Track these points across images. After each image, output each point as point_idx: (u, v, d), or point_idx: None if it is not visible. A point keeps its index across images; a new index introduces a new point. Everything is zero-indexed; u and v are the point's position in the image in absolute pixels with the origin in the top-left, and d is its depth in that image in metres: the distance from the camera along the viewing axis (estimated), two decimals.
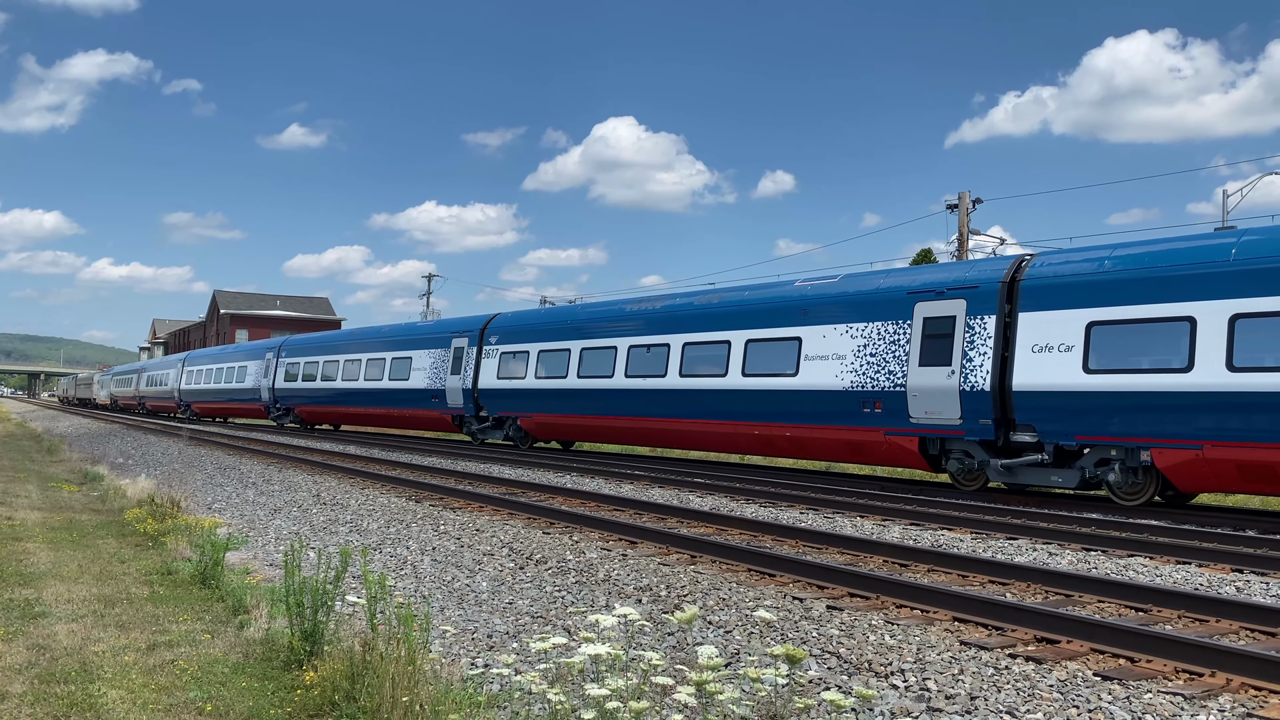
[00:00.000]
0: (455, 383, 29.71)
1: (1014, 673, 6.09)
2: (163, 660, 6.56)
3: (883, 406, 17.42)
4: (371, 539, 11.97)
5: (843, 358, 18.16)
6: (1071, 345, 14.93)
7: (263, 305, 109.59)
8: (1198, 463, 13.66)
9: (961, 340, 16.38)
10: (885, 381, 17.40)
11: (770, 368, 19.57)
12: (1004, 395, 15.84)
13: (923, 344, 16.94)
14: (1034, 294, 15.63)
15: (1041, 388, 15.20)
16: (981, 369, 16.00)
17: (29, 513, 14.37)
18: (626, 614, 4.11)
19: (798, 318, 19.32)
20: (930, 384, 16.68)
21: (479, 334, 29.37)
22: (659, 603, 8.23)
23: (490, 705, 5.33)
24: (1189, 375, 13.61)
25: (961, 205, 31.92)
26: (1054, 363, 15.07)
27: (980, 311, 16.24)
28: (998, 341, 15.95)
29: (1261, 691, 5.74)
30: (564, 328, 26.17)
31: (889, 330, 17.54)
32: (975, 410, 16.09)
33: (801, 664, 4.01)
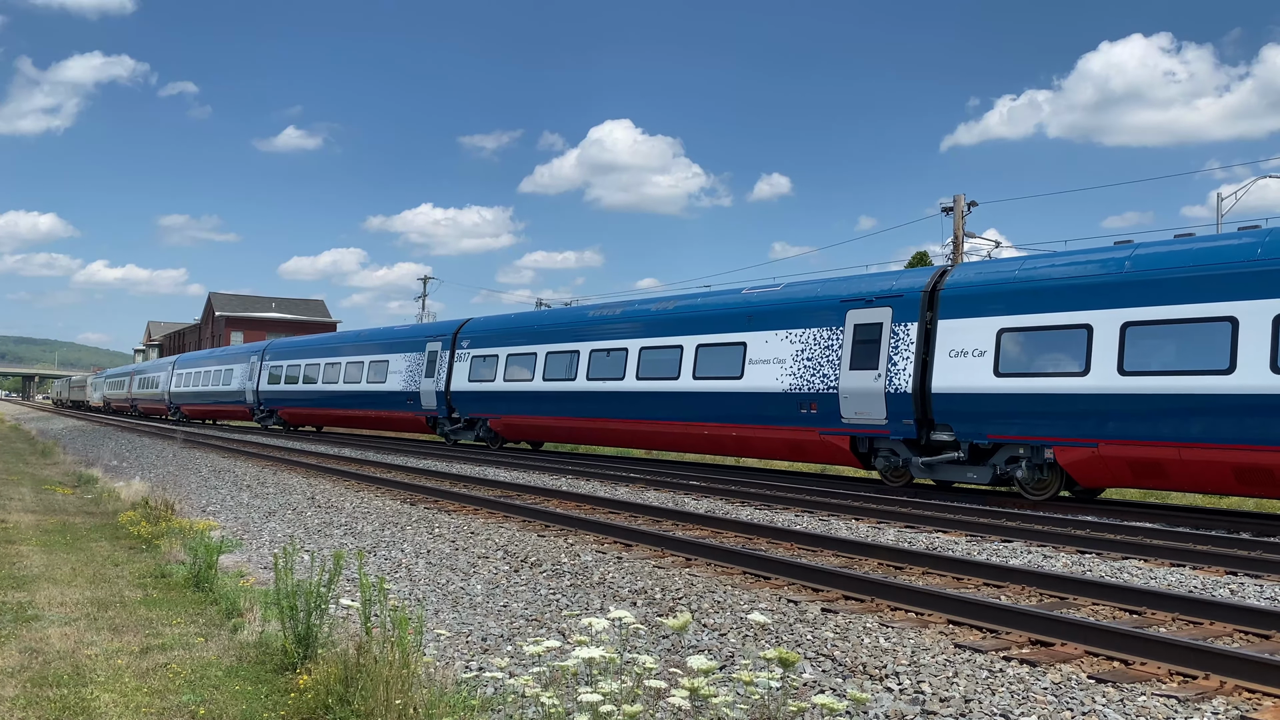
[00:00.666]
0: (429, 385, 30.78)
1: (1008, 675, 6.09)
2: (156, 664, 6.53)
3: (818, 408, 18.48)
4: (366, 542, 11.95)
5: (783, 362, 19.22)
6: (984, 350, 15.98)
7: (258, 307, 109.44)
8: (1094, 460, 14.64)
9: (887, 346, 17.46)
10: (820, 384, 18.47)
11: (718, 371, 20.61)
12: (925, 397, 16.86)
13: (853, 349, 18.03)
14: (951, 303, 16.73)
15: (957, 390, 16.26)
16: (905, 372, 17.07)
17: (22, 515, 14.32)
18: (621, 616, 4.10)
19: (743, 324, 20.41)
20: (859, 387, 17.74)
21: (452, 338, 30.47)
22: (654, 605, 8.22)
23: (484, 709, 5.32)
24: (1085, 379, 14.62)
25: (956, 208, 31.98)
26: (968, 367, 16.12)
27: (904, 319, 17.33)
28: (919, 347, 17.00)
29: (1255, 694, 5.75)
30: (531, 333, 27.29)
31: (824, 336, 18.65)
32: (899, 411, 17.16)
33: (796, 667, 4.01)
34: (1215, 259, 13.92)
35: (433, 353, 30.98)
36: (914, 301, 17.30)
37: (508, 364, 27.64)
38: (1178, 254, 14.37)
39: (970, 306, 16.43)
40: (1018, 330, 15.65)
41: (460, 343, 30.06)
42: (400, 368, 32.51)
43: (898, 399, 17.14)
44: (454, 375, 29.93)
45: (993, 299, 16.18)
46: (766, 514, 14.34)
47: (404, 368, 32.30)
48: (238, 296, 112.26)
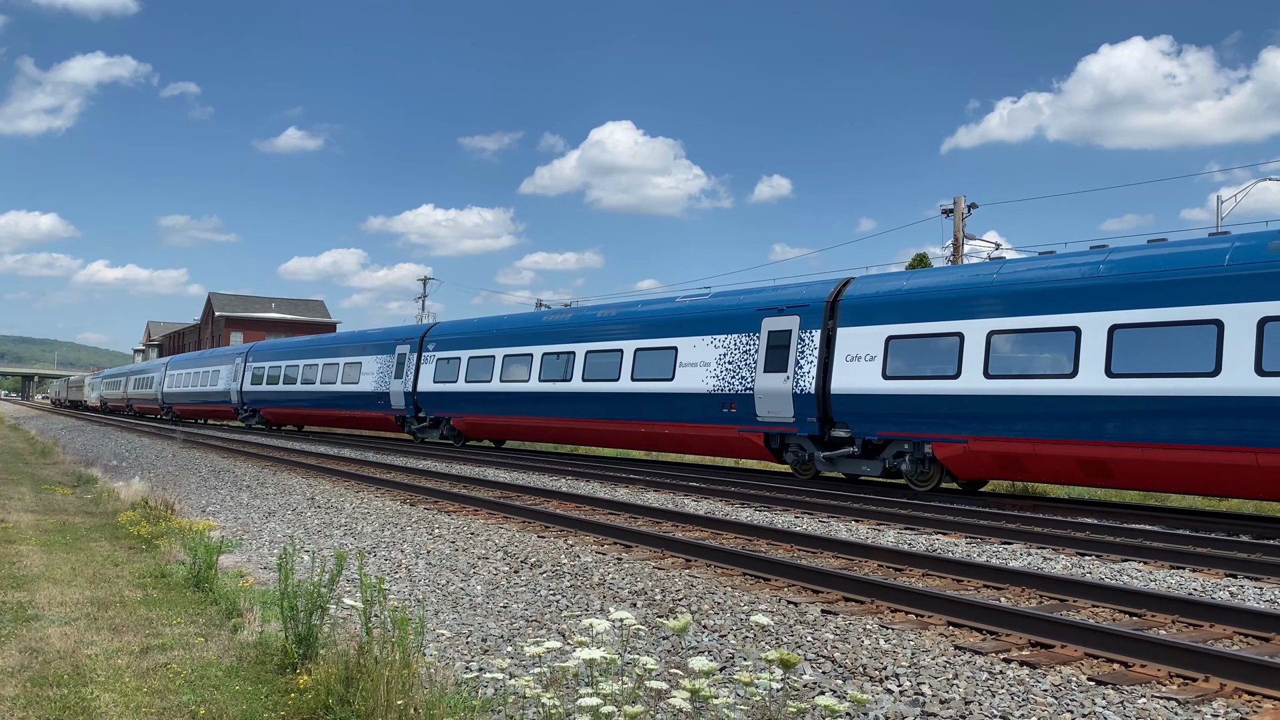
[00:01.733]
0: (398, 386, 32.37)
1: (1008, 677, 6.10)
2: (156, 664, 6.53)
3: (737, 407, 20.11)
4: (366, 542, 11.95)
5: (708, 365, 20.87)
6: (874, 356, 17.63)
7: (257, 308, 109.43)
8: (965, 455, 16.28)
9: (795, 351, 19.09)
10: (739, 385, 20.08)
11: (653, 373, 22.24)
12: (826, 397, 18.46)
13: (767, 354, 19.63)
14: (849, 312, 18.38)
15: (852, 391, 17.93)
16: (809, 375, 18.70)
17: (22, 515, 14.32)
18: (622, 618, 4.10)
19: (675, 330, 22.06)
20: (771, 388, 19.37)
21: (419, 341, 32.09)
22: (654, 607, 8.22)
23: (484, 710, 5.32)
24: (957, 381, 16.21)
25: (957, 210, 31.99)
26: (862, 370, 17.77)
27: (810, 326, 18.98)
28: (822, 352, 18.63)
29: (1255, 696, 5.75)
30: (490, 337, 28.92)
31: (743, 341, 20.28)
32: (804, 410, 18.79)
33: (796, 669, 4.01)
34: (1063, 276, 15.45)
35: (401, 355, 32.49)
36: (818, 310, 18.92)
37: (469, 366, 29.15)
38: (1035, 270, 16.07)
39: (864, 315, 18.08)
40: (903, 337, 17.26)
41: (427, 346, 31.55)
42: (372, 369, 34.05)
43: (803, 399, 18.74)
44: (420, 376, 31.40)
45: (883, 309, 17.80)
46: (766, 515, 14.34)
47: (375, 369, 33.84)
48: (237, 297, 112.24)
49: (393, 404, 32.73)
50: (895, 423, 17.30)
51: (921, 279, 18.06)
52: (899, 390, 17.08)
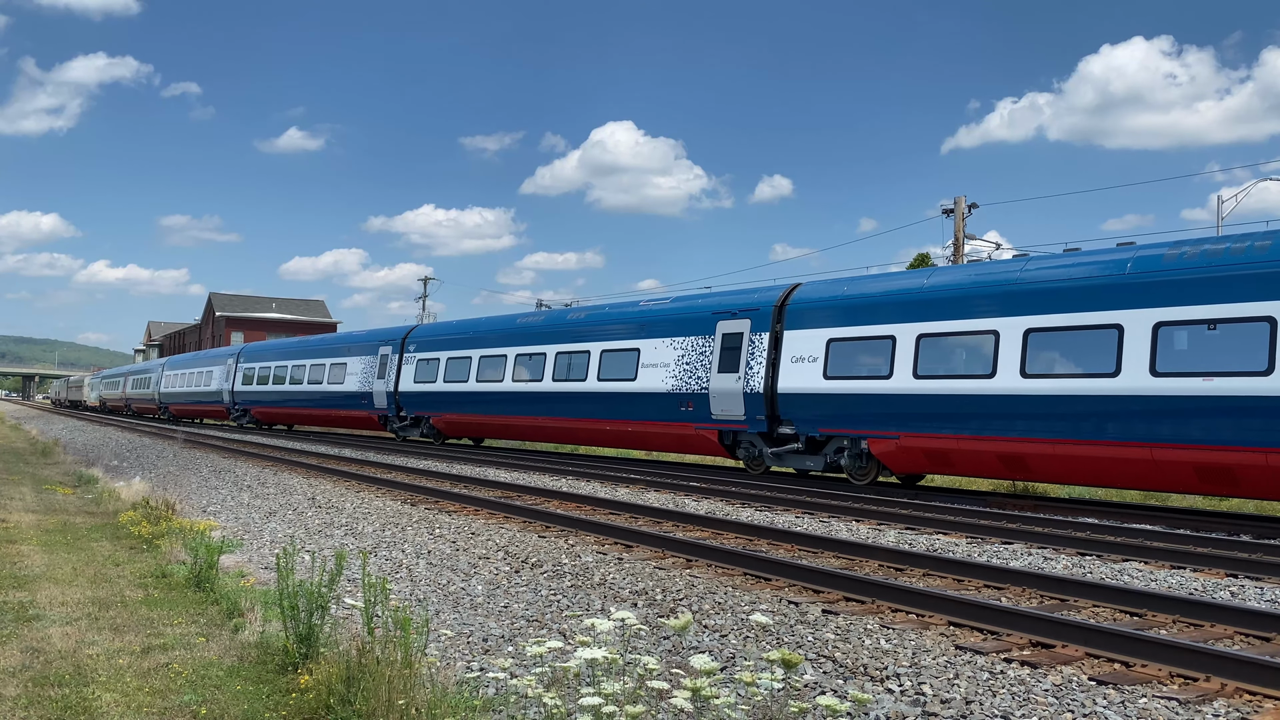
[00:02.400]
0: (380, 386, 33.61)
1: (1009, 677, 6.10)
2: (157, 663, 6.54)
3: (693, 406, 21.27)
4: (367, 542, 11.96)
5: (668, 366, 21.99)
6: (816, 357, 18.75)
7: (258, 308, 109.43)
8: (898, 450, 17.41)
9: (746, 352, 20.16)
10: (695, 385, 21.21)
11: (618, 374, 23.35)
12: (773, 396, 19.54)
13: (721, 355, 20.75)
14: (794, 315, 19.49)
15: (797, 390, 19.04)
16: (759, 375, 19.76)
17: (23, 515, 14.33)
18: (624, 618, 4.11)
19: (638, 332, 23.18)
20: (725, 387, 20.48)
21: (400, 343, 33.23)
22: (654, 606, 8.22)
23: (486, 709, 5.33)
24: (889, 381, 17.31)
25: (957, 210, 31.97)
26: (805, 371, 18.90)
27: (760, 329, 20.05)
28: (771, 353, 19.71)
29: (1256, 696, 5.75)
30: (467, 338, 30.01)
31: (699, 343, 21.42)
32: (754, 409, 19.88)
33: (797, 668, 4.01)
34: (984, 282, 16.66)
35: (384, 356, 33.67)
36: (767, 314, 20.02)
37: (447, 367, 30.21)
38: (960, 277, 17.43)
39: (808, 319, 19.24)
40: (842, 340, 18.44)
41: (408, 347, 32.68)
42: (356, 370, 35.29)
43: (753, 398, 19.85)
44: (401, 377, 32.58)
45: (824, 313, 18.99)
46: (767, 515, 14.34)
47: (360, 370, 35.08)
48: (238, 297, 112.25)
49: (375, 403, 33.86)
50: (835, 420, 18.49)
51: (860, 286, 19.12)
52: (838, 390, 18.27)
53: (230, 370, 46.92)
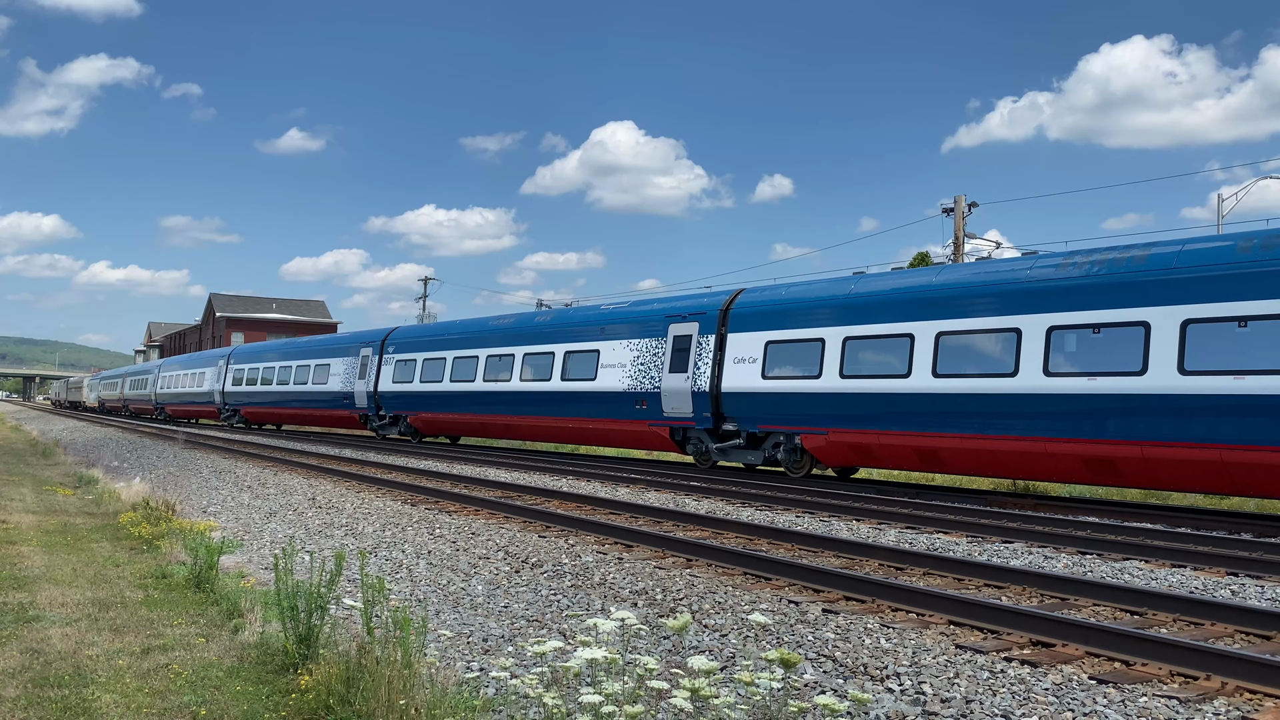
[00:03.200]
0: (361, 386, 34.93)
1: (1009, 676, 6.09)
2: (157, 664, 6.54)
3: (647, 404, 22.50)
4: (367, 542, 11.95)
5: (624, 366, 23.21)
6: (756, 358, 19.99)
7: (258, 308, 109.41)
8: (828, 445, 18.72)
9: (695, 353, 21.45)
10: (649, 384, 22.44)
11: (580, 374, 24.63)
12: (718, 395, 20.77)
13: (672, 356, 22.02)
14: (737, 319, 20.76)
15: (739, 389, 20.26)
16: (705, 375, 21.01)
17: (23, 516, 14.33)
18: (624, 617, 4.10)
19: (598, 335, 24.42)
20: (675, 387, 21.74)
21: (380, 345, 34.51)
22: (655, 606, 8.22)
23: (486, 710, 5.32)
24: (819, 381, 18.55)
25: (957, 209, 31.95)
26: (746, 371, 20.15)
27: (707, 331, 21.33)
28: (716, 354, 20.94)
29: (1257, 695, 5.75)
30: (441, 340, 31.26)
31: (652, 345, 22.67)
32: (701, 407, 21.14)
33: (797, 668, 4.00)
34: (902, 289, 18.01)
35: (365, 357, 35.07)
36: (713, 317, 21.29)
37: (424, 368, 31.45)
38: (882, 284, 18.65)
39: (749, 323, 20.49)
40: (778, 342, 19.66)
41: (387, 349, 33.91)
42: (339, 371, 36.68)
43: (700, 397, 21.11)
44: (381, 377, 33.86)
45: (763, 317, 20.22)
46: (767, 515, 14.34)
47: (342, 371, 36.49)
48: (238, 297, 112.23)
49: (357, 403, 35.21)
50: (772, 418, 19.79)
51: (795, 290, 20.45)
52: (775, 389, 19.52)
53: (221, 372, 48.33)
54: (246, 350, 47.88)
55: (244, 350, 48.11)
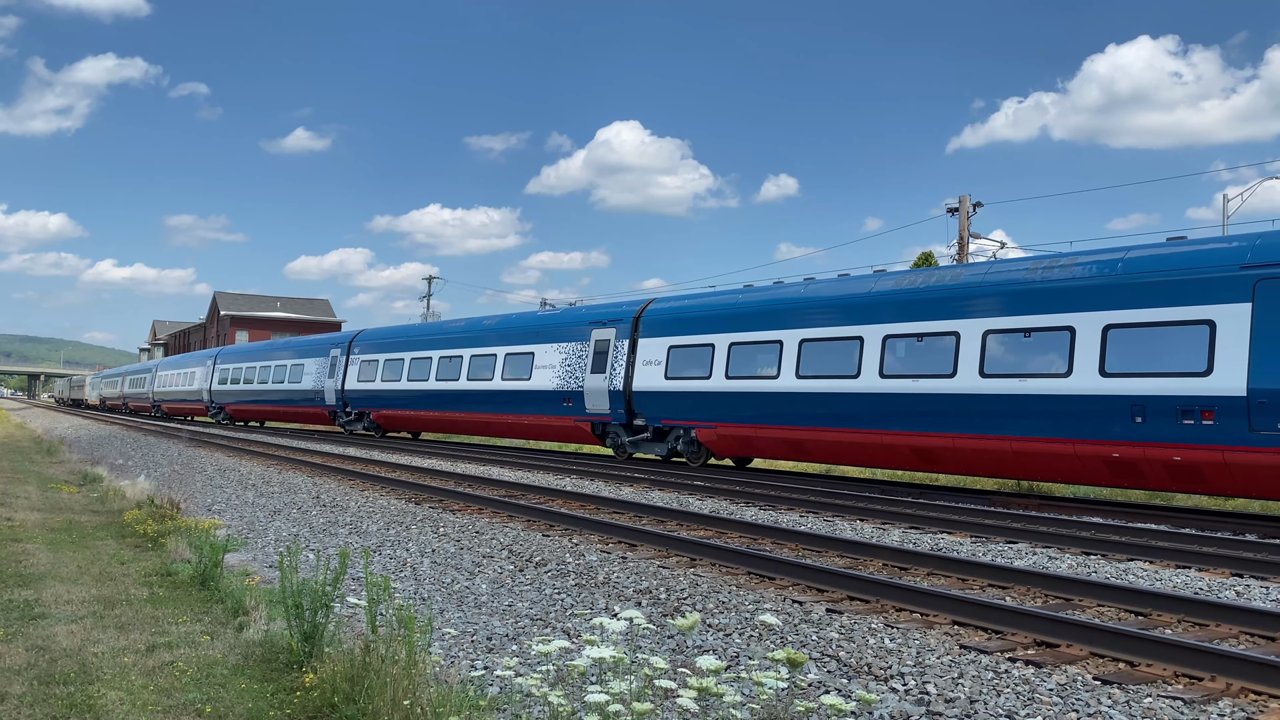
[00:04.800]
0: (330, 385, 37.60)
1: (1013, 676, 6.09)
2: (162, 662, 6.55)
3: (573, 402, 25.07)
4: (371, 541, 11.97)
5: (554, 367, 25.78)
6: (660, 361, 22.61)
7: (263, 307, 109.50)
8: (717, 438, 21.38)
9: (612, 356, 23.99)
10: (574, 384, 25.00)
11: (517, 374, 27.21)
12: (631, 394, 23.33)
13: (593, 358, 24.56)
14: (646, 326, 23.41)
15: (646, 389, 22.88)
16: (620, 376, 23.60)
17: (28, 514, 14.36)
18: (632, 616, 4.11)
19: (533, 338, 27.04)
20: (596, 386, 24.33)
21: (347, 346, 37.16)
22: (659, 606, 8.22)
23: (491, 708, 5.33)
24: (709, 381, 21.11)
25: (962, 209, 31.90)
26: (652, 372, 22.77)
27: (622, 337, 23.90)
28: (629, 357, 23.52)
29: (1261, 696, 5.74)
30: (401, 342, 33.89)
31: (577, 348, 25.21)
32: (617, 404, 23.69)
33: (801, 667, 4.00)
34: (776, 299, 20.59)
35: (334, 358, 37.67)
36: (628, 324, 23.90)
37: (384, 368, 34.01)
38: (761, 295, 21.28)
39: (656, 329, 23.05)
40: (678, 346, 22.23)
41: (353, 350, 36.54)
42: (311, 370, 39.46)
43: (616, 395, 23.66)
44: (348, 377, 36.48)
45: (668, 324, 22.84)
46: (771, 514, 14.34)
47: (314, 370, 39.24)
48: (243, 296, 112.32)
49: (326, 400, 38.05)
50: (673, 413, 22.38)
51: (695, 300, 23.07)
52: (675, 388, 22.08)
53: (209, 371, 51.00)
54: (232, 351, 50.95)
55: (229, 351, 51.17)
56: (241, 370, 46.84)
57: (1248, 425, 13.34)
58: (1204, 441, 13.73)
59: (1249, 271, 13.80)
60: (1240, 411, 13.41)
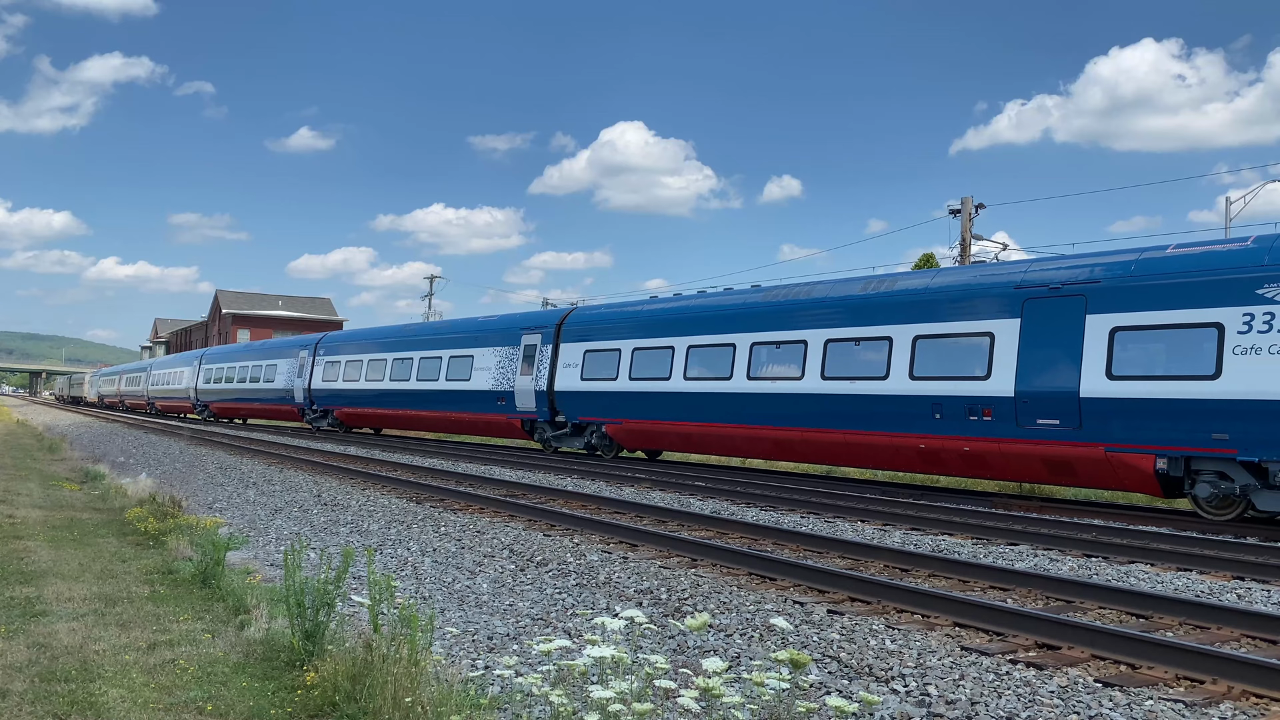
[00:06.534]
0: (299, 384, 40.44)
1: (1015, 678, 6.09)
2: (163, 659, 6.55)
3: (505, 401, 27.76)
4: (372, 539, 11.97)
5: (490, 369, 28.48)
6: (577, 364, 25.17)
7: (264, 305, 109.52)
8: (622, 432, 24.09)
9: (539, 359, 26.62)
10: (507, 384, 27.67)
11: (460, 375, 29.90)
12: (553, 394, 25.90)
13: (522, 361, 27.26)
14: (568, 332, 25.98)
15: (566, 389, 25.45)
16: (545, 377, 26.21)
17: (30, 511, 14.37)
18: (633, 616, 4.11)
19: (474, 342, 29.74)
20: (524, 387, 27.01)
21: (314, 348, 39.98)
22: (660, 606, 8.22)
23: (492, 707, 5.33)
24: (616, 383, 23.71)
25: (964, 210, 31.88)
26: (571, 374, 25.33)
27: (547, 341, 26.50)
28: (553, 360, 26.13)
29: (1263, 699, 5.74)
30: (361, 344, 36.89)
31: (510, 351, 27.89)
32: (542, 403, 26.32)
33: (804, 668, 4.00)
34: (670, 309, 23.38)
35: (302, 359, 40.51)
36: (552, 330, 26.44)
37: (345, 368, 36.94)
38: (659, 307, 24.23)
39: (575, 335, 25.64)
40: (593, 351, 24.79)
41: (319, 351, 39.38)
42: (284, 370, 42.18)
43: (541, 395, 26.28)
44: (314, 376, 39.18)
45: (585, 331, 25.42)
46: (772, 515, 14.33)
47: (285, 370, 41.96)
48: (245, 294, 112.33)
49: (295, 398, 40.87)
50: (589, 411, 24.86)
51: (609, 309, 25.97)
52: (590, 389, 24.59)
53: (195, 371, 53.97)
54: (215, 352, 54.31)
55: (213, 352, 54.51)
56: (224, 370, 49.51)
57: (1015, 421, 15.68)
58: (986, 434, 16.11)
59: (1020, 291, 16.07)
60: (1010, 409, 15.76)
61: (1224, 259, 14.13)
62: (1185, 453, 14.05)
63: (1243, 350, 13.46)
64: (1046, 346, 15.48)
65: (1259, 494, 13.57)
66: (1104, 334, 14.84)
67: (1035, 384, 15.48)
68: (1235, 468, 13.73)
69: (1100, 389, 14.70)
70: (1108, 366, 14.70)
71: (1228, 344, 13.61)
